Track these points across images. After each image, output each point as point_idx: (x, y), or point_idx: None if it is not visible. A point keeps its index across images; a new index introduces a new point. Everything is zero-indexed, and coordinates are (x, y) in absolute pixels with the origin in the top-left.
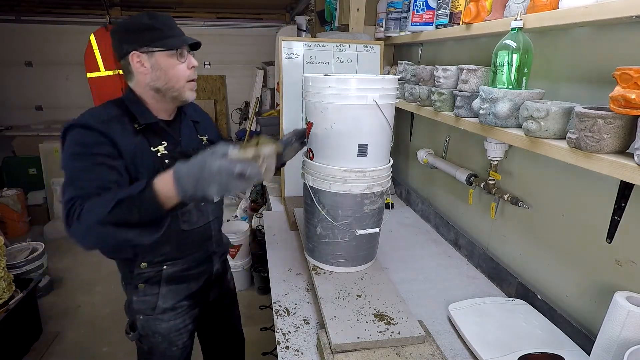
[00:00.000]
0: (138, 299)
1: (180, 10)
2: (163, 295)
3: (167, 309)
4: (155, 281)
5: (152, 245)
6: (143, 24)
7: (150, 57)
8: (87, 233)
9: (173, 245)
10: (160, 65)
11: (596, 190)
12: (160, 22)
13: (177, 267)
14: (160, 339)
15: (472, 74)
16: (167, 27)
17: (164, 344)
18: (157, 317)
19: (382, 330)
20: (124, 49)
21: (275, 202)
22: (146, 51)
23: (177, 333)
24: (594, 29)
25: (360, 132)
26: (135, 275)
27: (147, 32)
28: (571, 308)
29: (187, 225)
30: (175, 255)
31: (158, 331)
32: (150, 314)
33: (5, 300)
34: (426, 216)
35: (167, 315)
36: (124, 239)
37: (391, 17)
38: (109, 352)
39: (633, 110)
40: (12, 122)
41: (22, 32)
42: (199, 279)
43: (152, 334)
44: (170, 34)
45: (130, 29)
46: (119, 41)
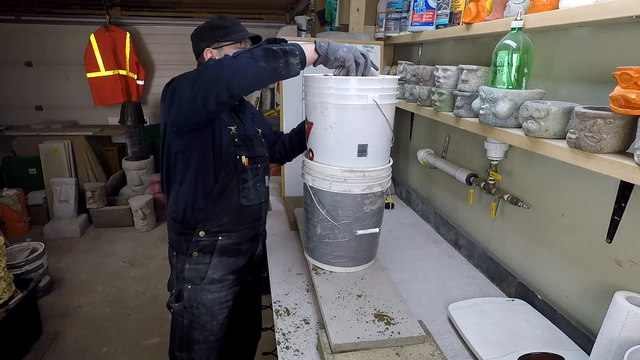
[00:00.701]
0: (190, 267)
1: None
2: (214, 265)
3: (215, 279)
4: (209, 250)
5: (213, 215)
6: (214, 25)
7: (220, 51)
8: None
9: (231, 217)
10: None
11: (596, 190)
12: (228, 22)
13: (231, 239)
14: (204, 310)
15: (472, 74)
16: (233, 24)
17: (207, 316)
18: (205, 287)
19: (382, 330)
20: (200, 47)
21: (275, 202)
22: (217, 46)
23: (219, 306)
24: (594, 29)
25: (360, 132)
26: (192, 244)
27: (217, 31)
28: (571, 308)
29: (245, 200)
30: (230, 227)
31: (203, 302)
32: (198, 283)
33: (5, 300)
34: (426, 216)
35: (214, 286)
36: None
37: (391, 17)
38: (109, 352)
39: (633, 110)
40: (12, 122)
41: (22, 32)
42: (245, 255)
43: (197, 304)
44: (236, 29)
45: (206, 30)
46: (196, 41)
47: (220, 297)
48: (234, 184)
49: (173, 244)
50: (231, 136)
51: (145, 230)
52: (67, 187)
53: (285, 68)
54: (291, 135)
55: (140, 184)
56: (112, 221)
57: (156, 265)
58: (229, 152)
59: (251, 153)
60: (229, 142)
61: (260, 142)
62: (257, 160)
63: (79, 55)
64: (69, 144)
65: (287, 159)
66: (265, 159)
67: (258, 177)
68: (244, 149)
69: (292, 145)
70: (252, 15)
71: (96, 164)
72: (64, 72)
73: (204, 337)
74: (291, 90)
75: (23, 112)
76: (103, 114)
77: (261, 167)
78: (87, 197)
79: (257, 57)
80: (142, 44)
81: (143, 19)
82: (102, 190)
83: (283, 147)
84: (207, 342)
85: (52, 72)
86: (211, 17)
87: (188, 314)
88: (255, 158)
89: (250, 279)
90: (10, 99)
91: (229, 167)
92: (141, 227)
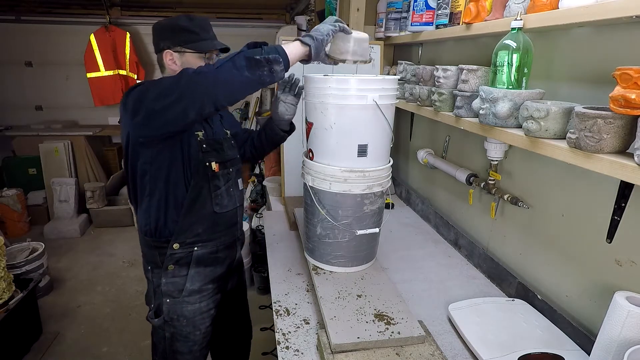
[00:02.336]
0: (167, 281)
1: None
2: (191, 277)
3: (194, 291)
4: (185, 262)
5: (186, 226)
6: (180, 26)
7: (182, 56)
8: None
9: (206, 227)
10: (190, 64)
11: (596, 190)
12: (196, 25)
13: (207, 249)
14: (185, 322)
15: (472, 74)
16: (201, 30)
17: (189, 327)
18: (184, 300)
19: (382, 330)
20: (161, 46)
21: (275, 202)
22: (179, 51)
23: (201, 317)
24: (594, 29)
25: (360, 132)
26: (167, 257)
27: (182, 33)
28: (571, 308)
29: (218, 208)
30: (206, 237)
31: (183, 314)
32: (177, 296)
33: (5, 300)
34: (426, 216)
35: (193, 297)
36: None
37: (391, 17)
38: (109, 352)
39: (633, 110)
40: (12, 122)
41: (22, 32)
42: (223, 263)
43: (177, 317)
44: (204, 37)
45: (169, 29)
46: (157, 37)
47: (201, 307)
48: (205, 192)
49: (147, 258)
50: (199, 142)
51: None
52: (67, 187)
53: (269, 75)
54: (260, 132)
55: None
56: (112, 221)
57: None
58: (198, 159)
59: (221, 158)
60: (197, 148)
61: (230, 145)
62: (229, 165)
63: (79, 55)
64: (69, 144)
65: (259, 157)
66: (236, 161)
67: (230, 181)
68: (213, 154)
69: (261, 143)
70: (252, 15)
71: (96, 164)
72: (64, 72)
73: (188, 348)
74: None
75: (23, 112)
76: (103, 114)
77: (233, 170)
78: (87, 197)
79: (241, 67)
80: (142, 44)
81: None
82: (102, 190)
83: (252, 146)
84: (191, 352)
85: (52, 72)
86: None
87: (169, 327)
88: (226, 162)
89: (231, 285)
90: (10, 99)
91: (199, 175)
92: None
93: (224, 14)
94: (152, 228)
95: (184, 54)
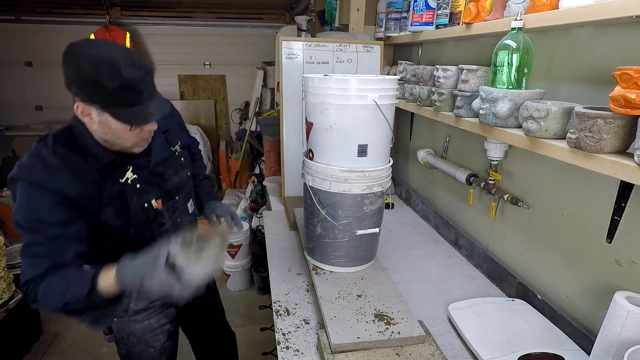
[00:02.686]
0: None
1: (180, 10)
2: (134, 298)
3: (140, 310)
4: None
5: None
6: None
7: (101, 114)
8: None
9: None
10: (110, 126)
11: (596, 190)
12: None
13: None
14: (136, 340)
15: (472, 74)
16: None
17: (140, 345)
18: (130, 319)
19: (382, 330)
20: (72, 90)
21: (275, 202)
22: (98, 109)
23: (152, 334)
24: (594, 29)
25: (360, 132)
26: None
27: (103, 94)
28: (571, 308)
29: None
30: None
31: (133, 333)
32: (122, 316)
33: (5, 300)
34: (426, 216)
35: (140, 316)
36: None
37: (391, 17)
38: (109, 352)
39: (633, 110)
40: (12, 122)
41: (22, 32)
42: None
43: (127, 336)
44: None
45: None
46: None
47: (152, 324)
48: (148, 234)
49: None
50: (130, 185)
51: None
52: None
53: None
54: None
55: None
56: None
57: None
58: (132, 204)
59: (163, 189)
60: (128, 192)
61: (179, 163)
62: (174, 193)
63: None
64: None
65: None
66: (184, 182)
67: (177, 210)
68: (153, 189)
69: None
70: (252, 15)
71: None
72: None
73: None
74: (291, 91)
75: (23, 112)
76: None
77: (180, 197)
78: None
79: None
80: (142, 44)
81: (143, 19)
82: None
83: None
84: None
85: (52, 72)
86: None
87: (122, 344)
88: (170, 192)
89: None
90: (10, 99)
91: (137, 220)
92: None
93: (224, 14)
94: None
95: (104, 113)
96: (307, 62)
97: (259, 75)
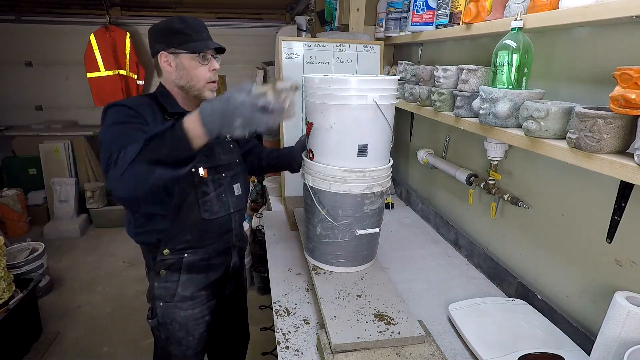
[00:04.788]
0: (159, 285)
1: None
2: (183, 282)
3: (186, 297)
4: (176, 268)
5: (174, 232)
6: (173, 28)
7: (176, 57)
8: (122, 176)
9: (194, 234)
10: (184, 65)
11: (596, 190)
12: (189, 27)
13: (197, 255)
14: (178, 327)
15: (472, 74)
16: (194, 31)
17: (181, 332)
18: (177, 305)
19: (382, 330)
20: (156, 49)
21: (275, 202)
22: (173, 52)
23: (194, 323)
24: (594, 29)
25: (360, 133)
26: (157, 262)
27: (175, 36)
28: (571, 308)
29: (207, 214)
30: (195, 244)
31: (176, 319)
32: (169, 301)
33: (5, 300)
34: (426, 216)
35: (186, 303)
36: (155, 177)
37: (391, 17)
38: (109, 352)
39: (633, 110)
40: (12, 122)
41: (22, 32)
42: (218, 269)
43: (170, 321)
44: (197, 38)
45: (162, 31)
46: (152, 41)
47: (195, 314)
48: (191, 199)
49: (144, 259)
50: None
51: None
52: (67, 187)
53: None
54: (274, 155)
55: None
56: (112, 221)
57: None
58: None
59: (211, 163)
60: None
61: (228, 148)
62: (221, 170)
63: (79, 55)
64: (69, 144)
65: (258, 174)
66: (234, 166)
67: (222, 187)
68: (201, 159)
69: (269, 165)
70: (252, 15)
71: (96, 164)
72: (64, 72)
73: (182, 352)
74: None
75: (23, 112)
76: None
77: (227, 176)
78: (87, 197)
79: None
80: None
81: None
82: (102, 190)
83: (258, 160)
84: (185, 356)
85: (52, 72)
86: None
87: (164, 329)
88: (217, 167)
89: (229, 290)
90: (10, 99)
91: (183, 181)
92: None
93: (224, 14)
94: (141, 232)
95: (178, 55)
96: (307, 62)
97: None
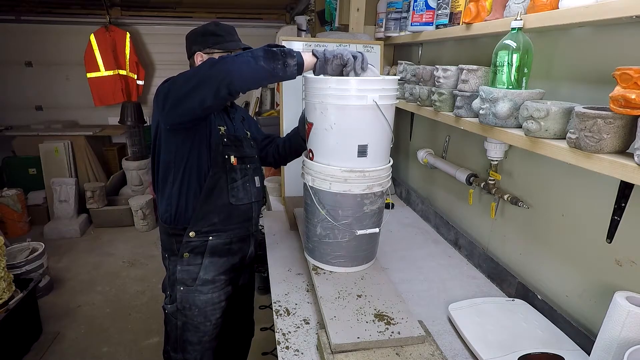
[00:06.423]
0: (182, 268)
1: (180, 10)
2: (205, 266)
3: (207, 280)
4: (200, 251)
5: (203, 214)
6: (208, 30)
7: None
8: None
9: (221, 217)
10: None
11: (596, 190)
12: (223, 30)
13: (221, 239)
14: (197, 311)
15: (472, 74)
16: (227, 34)
17: (200, 317)
18: (197, 289)
19: (382, 330)
20: (192, 50)
21: (275, 202)
22: (208, 52)
23: (212, 307)
24: (594, 29)
25: (360, 133)
26: (183, 245)
27: (211, 37)
28: (571, 308)
29: (234, 199)
30: (220, 227)
31: (195, 303)
32: (190, 284)
33: (5, 300)
34: (426, 216)
35: (206, 287)
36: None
37: (391, 17)
38: (109, 352)
39: (633, 110)
40: (12, 122)
41: (22, 32)
42: (236, 255)
43: (189, 306)
44: (229, 39)
45: (199, 34)
46: (189, 43)
47: (213, 298)
48: (222, 183)
49: (165, 246)
50: (220, 136)
51: (145, 230)
52: (67, 187)
53: (282, 69)
54: (285, 140)
55: (140, 184)
56: (112, 221)
57: (156, 265)
58: (217, 151)
59: (240, 153)
60: (218, 141)
61: (250, 144)
62: (247, 161)
63: (79, 55)
64: (69, 144)
65: (281, 163)
66: (254, 160)
67: (247, 177)
68: (232, 148)
69: (285, 151)
70: (252, 15)
71: (96, 164)
72: (64, 72)
73: (198, 338)
74: (291, 91)
75: (23, 112)
76: (103, 114)
77: (250, 167)
78: (87, 197)
79: (257, 57)
80: (142, 44)
81: (143, 19)
82: (102, 190)
83: (277, 152)
84: (201, 343)
85: (52, 72)
86: (207, 22)
87: (181, 315)
88: (244, 158)
89: (243, 280)
90: (10, 99)
91: (217, 166)
92: (141, 227)
93: (224, 14)
94: (172, 214)
95: (213, 54)
96: None
97: None
